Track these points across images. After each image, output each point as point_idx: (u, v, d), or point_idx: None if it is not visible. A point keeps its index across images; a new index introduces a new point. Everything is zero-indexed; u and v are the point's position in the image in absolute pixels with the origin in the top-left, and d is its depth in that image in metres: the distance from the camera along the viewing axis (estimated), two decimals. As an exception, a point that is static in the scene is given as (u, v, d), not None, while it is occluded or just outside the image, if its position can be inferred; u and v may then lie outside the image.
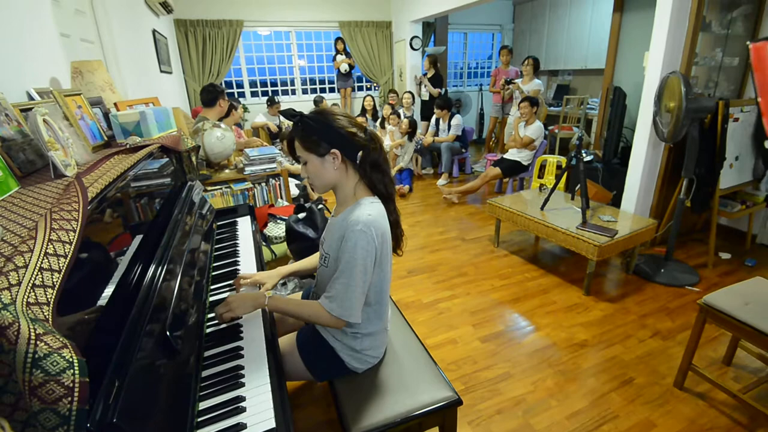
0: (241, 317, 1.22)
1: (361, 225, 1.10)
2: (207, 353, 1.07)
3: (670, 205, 2.96)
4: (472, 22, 7.43)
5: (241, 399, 0.92)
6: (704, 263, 2.90)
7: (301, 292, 1.61)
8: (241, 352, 1.07)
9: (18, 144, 1.08)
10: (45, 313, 0.52)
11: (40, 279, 0.52)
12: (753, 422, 1.65)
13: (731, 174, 2.85)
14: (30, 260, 0.51)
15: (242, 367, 1.01)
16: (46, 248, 0.56)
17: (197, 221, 1.54)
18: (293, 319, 1.53)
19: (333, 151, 1.13)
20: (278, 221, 2.68)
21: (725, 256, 3.01)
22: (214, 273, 1.53)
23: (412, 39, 6.29)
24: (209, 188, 2.72)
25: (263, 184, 2.94)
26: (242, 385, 0.96)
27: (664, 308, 2.43)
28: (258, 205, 2.89)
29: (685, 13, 2.63)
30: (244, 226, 1.95)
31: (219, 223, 1.99)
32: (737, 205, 2.95)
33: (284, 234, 2.58)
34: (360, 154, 1.16)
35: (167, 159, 1.76)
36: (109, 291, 0.90)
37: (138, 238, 1.16)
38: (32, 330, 0.46)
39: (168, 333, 0.89)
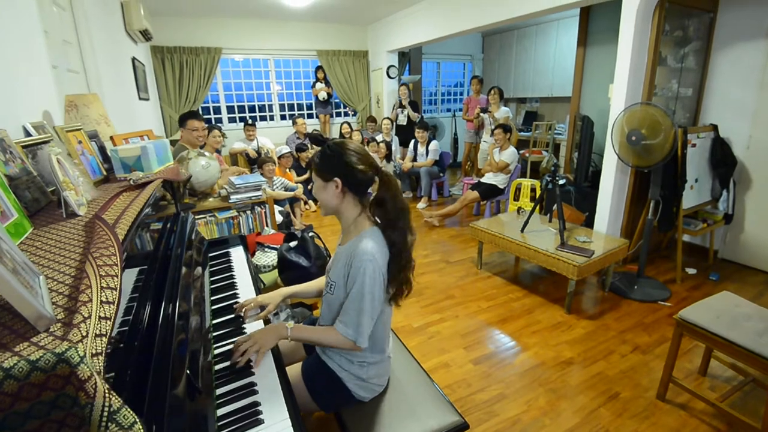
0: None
1: (369, 255, 1.16)
2: (220, 390, 1.06)
3: (639, 225, 3.15)
4: (445, 52, 7.76)
5: (263, 436, 0.93)
6: (673, 278, 3.09)
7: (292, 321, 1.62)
8: (255, 387, 1.07)
9: (23, 182, 1.06)
10: (100, 365, 0.53)
11: (99, 329, 0.54)
12: (731, 428, 1.76)
13: (692, 195, 3.08)
14: (92, 310, 0.53)
15: (259, 404, 1.02)
16: (100, 296, 0.57)
17: (194, 254, 1.53)
18: (297, 350, 1.53)
19: (335, 179, 1.20)
20: (266, 250, 2.67)
21: (691, 271, 3.22)
22: (213, 306, 1.51)
23: (388, 68, 6.50)
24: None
25: (248, 212, 2.93)
26: (261, 422, 0.96)
27: (640, 323, 2.56)
28: (244, 233, 2.87)
29: (644, 49, 2.88)
30: (238, 256, 1.94)
31: (211, 254, 1.97)
32: (699, 224, 3.18)
33: (273, 263, 2.57)
34: (366, 188, 1.23)
35: (159, 193, 1.75)
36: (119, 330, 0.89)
37: (134, 273, 1.15)
38: (104, 384, 0.47)
39: (188, 372, 0.89)
